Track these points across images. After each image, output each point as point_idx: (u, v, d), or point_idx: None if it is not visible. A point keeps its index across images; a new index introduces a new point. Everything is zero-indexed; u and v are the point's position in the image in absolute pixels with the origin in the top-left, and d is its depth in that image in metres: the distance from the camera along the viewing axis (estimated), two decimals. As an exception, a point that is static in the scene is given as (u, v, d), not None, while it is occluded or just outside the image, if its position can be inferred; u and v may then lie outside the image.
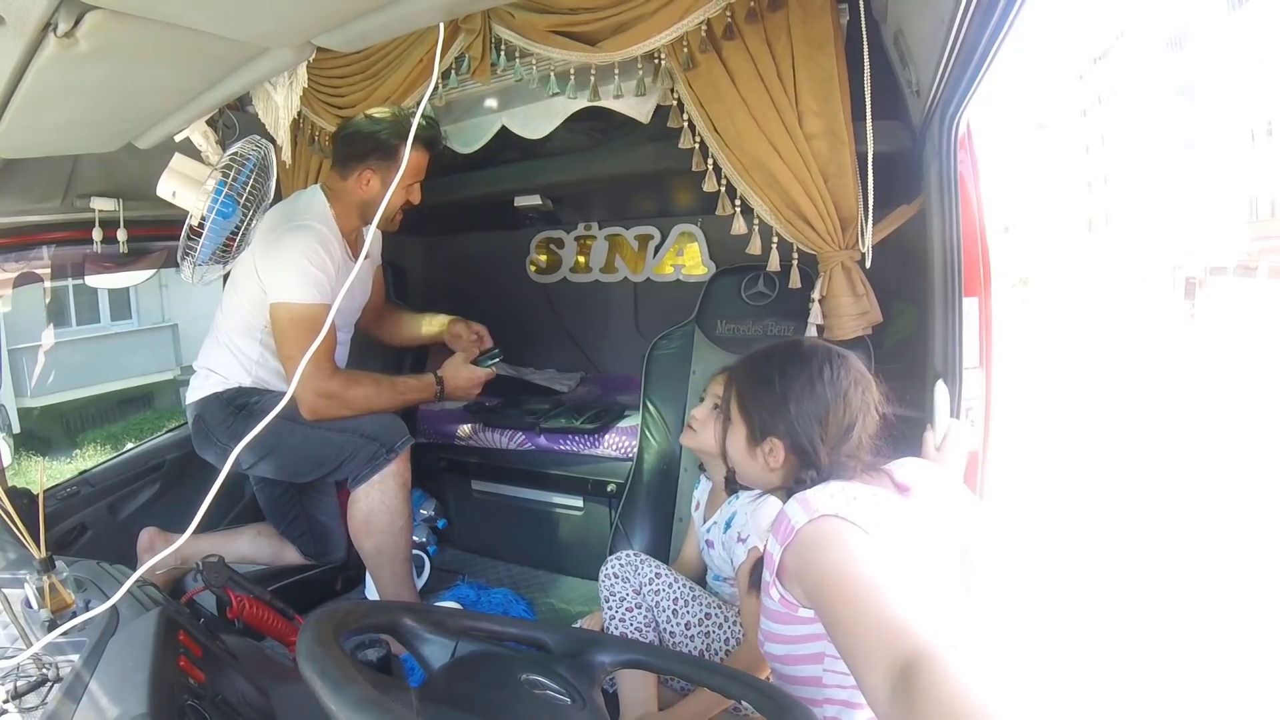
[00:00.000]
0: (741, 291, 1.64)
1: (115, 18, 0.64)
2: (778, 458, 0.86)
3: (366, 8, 0.72)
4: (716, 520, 1.27)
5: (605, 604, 1.20)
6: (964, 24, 0.78)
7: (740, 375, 0.92)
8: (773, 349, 0.91)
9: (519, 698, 0.64)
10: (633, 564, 1.20)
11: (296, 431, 1.49)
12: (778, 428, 0.86)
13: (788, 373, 0.85)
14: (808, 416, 0.84)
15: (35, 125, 0.98)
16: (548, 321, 2.54)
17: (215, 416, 1.55)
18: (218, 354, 1.59)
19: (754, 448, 0.88)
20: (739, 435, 0.91)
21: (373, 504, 1.53)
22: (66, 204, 1.63)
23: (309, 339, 1.44)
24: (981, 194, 1.26)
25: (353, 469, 1.53)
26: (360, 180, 1.53)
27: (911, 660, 0.53)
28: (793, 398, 0.84)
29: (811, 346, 0.88)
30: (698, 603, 1.18)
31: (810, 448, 0.83)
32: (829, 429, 0.83)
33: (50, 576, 0.86)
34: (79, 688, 0.69)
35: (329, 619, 0.58)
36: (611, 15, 1.29)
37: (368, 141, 1.49)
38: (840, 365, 0.85)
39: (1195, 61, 21.06)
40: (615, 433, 1.90)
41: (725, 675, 0.74)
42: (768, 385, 0.86)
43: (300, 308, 1.44)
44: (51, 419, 7.05)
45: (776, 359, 0.88)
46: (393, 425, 1.57)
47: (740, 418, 0.90)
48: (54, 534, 1.60)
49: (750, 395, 0.89)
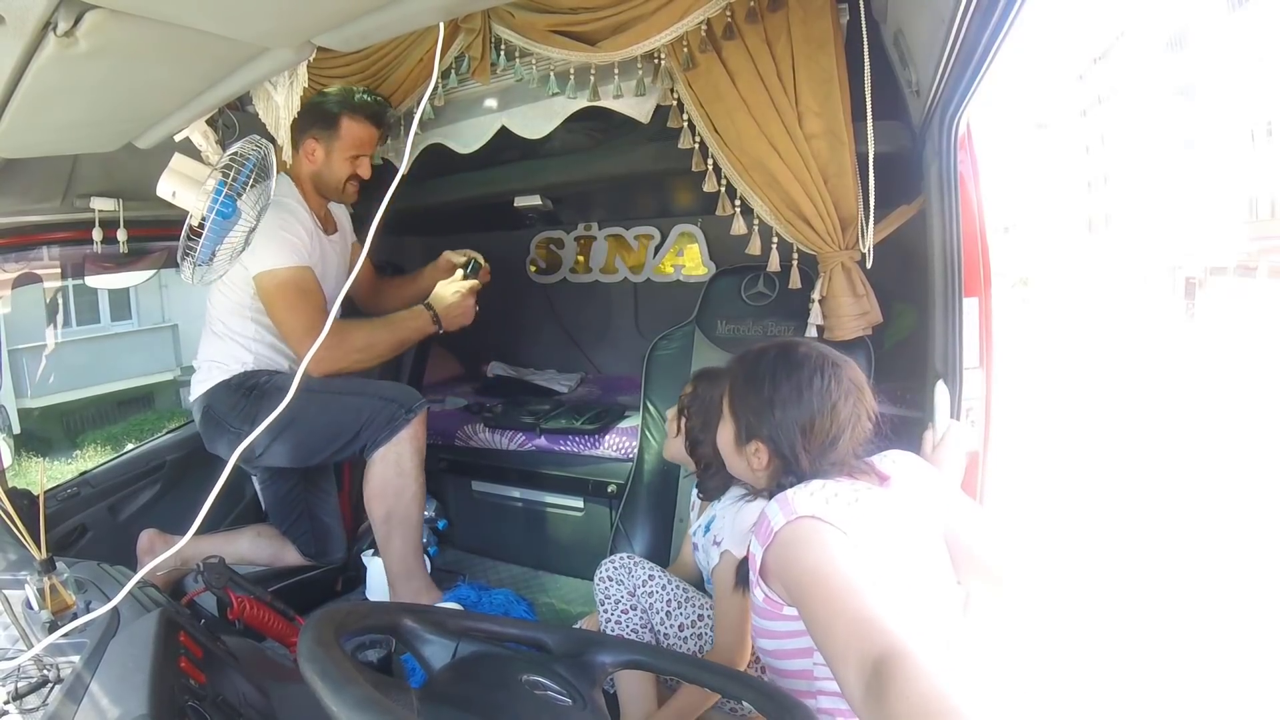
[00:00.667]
0: (741, 292, 1.64)
1: (115, 17, 0.64)
2: (761, 460, 0.88)
3: (366, 8, 0.72)
4: (700, 523, 1.28)
5: (600, 606, 1.20)
6: (964, 24, 0.78)
7: (735, 372, 0.93)
8: (767, 349, 0.91)
9: (519, 698, 0.64)
10: (626, 567, 1.21)
11: (314, 400, 1.49)
12: (762, 431, 0.87)
13: (777, 377, 0.86)
14: (791, 424, 0.84)
15: (35, 125, 0.98)
16: (548, 322, 2.54)
17: (225, 404, 1.54)
18: (215, 344, 1.60)
19: (740, 447, 0.90)
20: (728, 432, 0.92)
21: (388, 467, 1.53)
22: (66, 204, 1.63)
23: (297, 300, 1.47)
24: (981, 194, 1.26)
25: (371, 434, 1.52)
26: (306, 151, 1.57)
27: (883, 658, 0.54)
28: (779, 404, 0.85)
29: (805, 353, 0.87)
30: (691, 604, 1.19)
31: (791, 455, 0.84)
32: (813, 439, 0.84)
33: (51, 578, 0.86)
34: (80, 689, 0.69)
35: (329, 620, 0.58)
36: (611, 15, 1.29)
37: (311, 111, 1.53)
38: (832, 375, 0.84)
39: (1195, 61, 21.06)
40: (615, 433, 1.90)
41: (725, 675, 0.74)
42: (757, 387, 0.87)
43: (283, 272, 1.47)
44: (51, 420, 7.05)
45: (768, 361, 0.88)
46: (409, 388, 1.60)
47: (730, 415, 0.92)
48: (54, 535, 1.59)
49: (740, 395, 0.90)
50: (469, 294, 1.64)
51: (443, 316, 1.61)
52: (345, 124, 1.56)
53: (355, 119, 1.57)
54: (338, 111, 1.55)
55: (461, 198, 2.07)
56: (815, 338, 1.39)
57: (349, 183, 1.62)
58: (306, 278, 1.51)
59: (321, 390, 1.49)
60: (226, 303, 1.57)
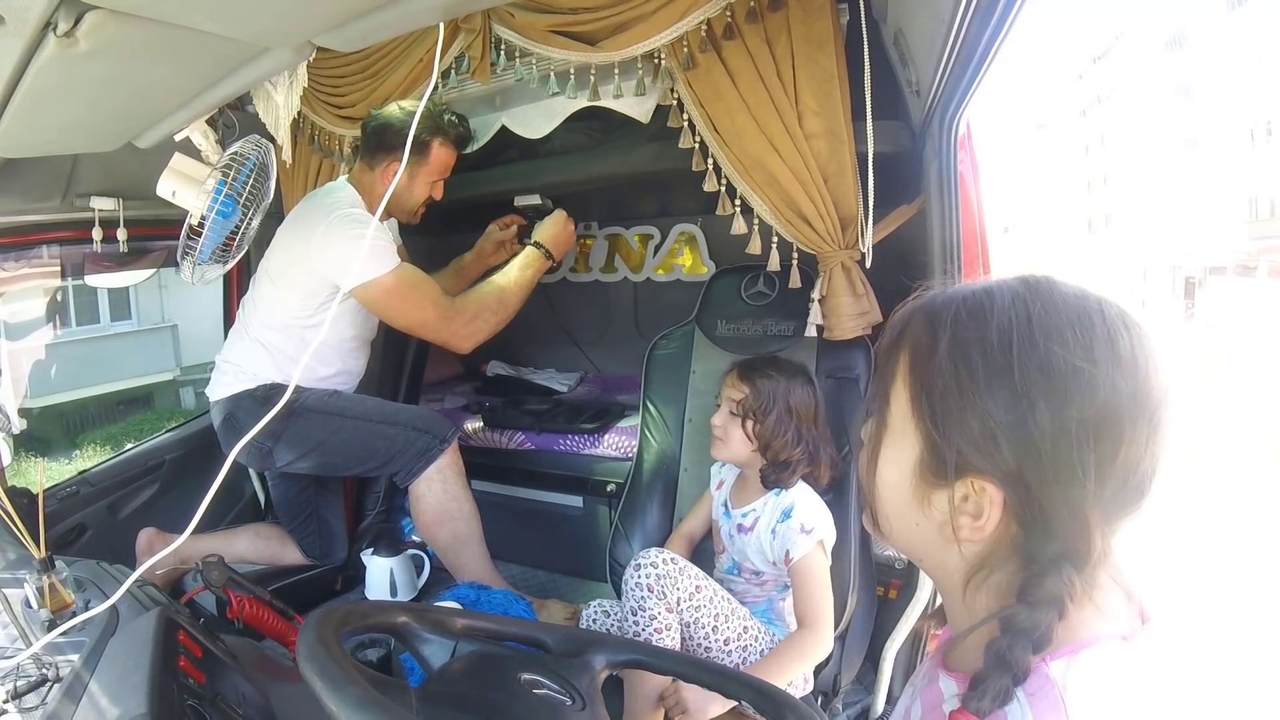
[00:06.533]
0: (741, 291, 1.64)
1: (115, 17, 0.64)
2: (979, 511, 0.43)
3: (366, 7, 0.72)
4: (755, 509, 1.22)
5: (631, 615, 1.10)
6: (964, 24, 0.78)
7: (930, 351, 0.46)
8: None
9: (519, 698, 0.64)
10: (670, 575, 1.09)
11: (347, 427, 1.50)
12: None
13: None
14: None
15: (35, 125, 0.98)
16: (548, 321, 2.54)
17: (251, 415, 1.52)
18: (246, 348, 1.58)
19: (934, 483, 0.45)
20: (906, 452, 0.47)
21: (438, 497, 1.55)
22: (66, 203, 1.63)
23: (415, 295, 1.48)
24: (981, 194, 1.26)
25: (403, 462, 1.53)
26: (388, 172, 1.53)
27: None
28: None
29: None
30: (736, 616, 1.15)
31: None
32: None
33: (50, 576, 0.86)
34: (79, 688, 0.69)
35: (329, 619, 0.58)
36: (611, 15, 1.29)
37: (396, 133, 1.50)
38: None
39: (1195, 61, 21.06)
40: (615, 433, 1.89)
41: (725, 675, 0.74)
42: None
43: (388, 278, 1.45)
44: (51, 419, 7.04)
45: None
46: (441, 418, 1.61)
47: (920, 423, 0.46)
48: (54, 534, 1.59)
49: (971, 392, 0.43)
50: (566, 220, 1.70)
51: (554, 248, 1.65)
52: (436, 149, 1.54)
53: (447, 145, 1.55)
54: (430, 138, 1.52)
55: (461, 197, 2.07)
56: (815, 337, 1.39)
57: (422, 205, 1.62)
58: (411, 270, 1.50)
59: (354, 416, 1.51)
60: (280, 313, 1.54)
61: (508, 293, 1.57)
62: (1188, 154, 21.42)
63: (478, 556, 1.61)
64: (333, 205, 1.50)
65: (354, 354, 1.68)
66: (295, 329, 1.54)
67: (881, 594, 1.43)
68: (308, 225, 1.48)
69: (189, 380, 7.40)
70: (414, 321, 1.50)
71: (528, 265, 1.62)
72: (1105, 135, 26.65)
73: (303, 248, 1.47)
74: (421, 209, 1.64)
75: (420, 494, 1.55)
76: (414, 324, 1.51)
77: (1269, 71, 17.91)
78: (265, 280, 1.57)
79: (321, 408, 1.53)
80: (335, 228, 1.45)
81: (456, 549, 1.59)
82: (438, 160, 1.57)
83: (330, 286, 1.47)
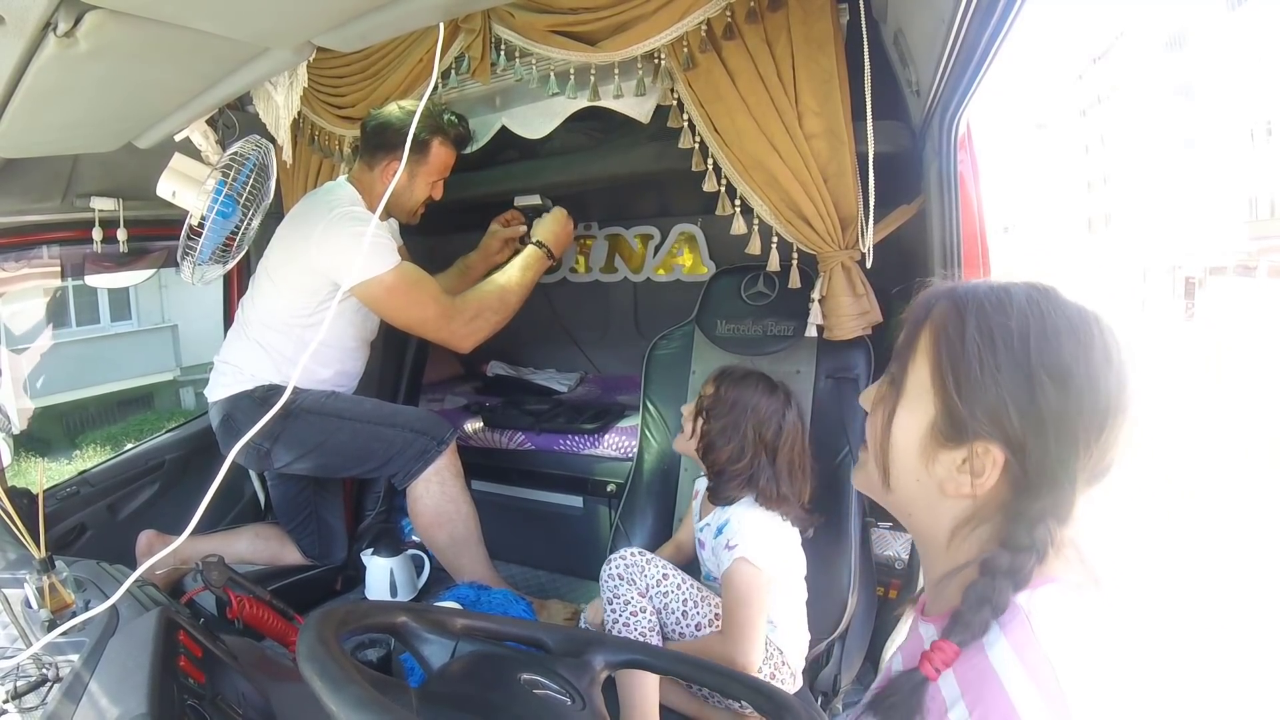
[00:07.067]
0: (741, 291, 1.64)
1: (115, 18, 0.64)
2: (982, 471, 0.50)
3: (366, 7, 0.72)
4: (709, 522, 1.24)
5: (609, 606, 1.17)
6: (964, 24, 0.78)
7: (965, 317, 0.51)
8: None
9: (519, 698, 0.64)
10: (638, 565, 1.16)
11: (345, 428, 1.50)
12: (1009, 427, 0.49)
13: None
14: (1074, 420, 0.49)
15: (35, 125, 0.98)
16: (548, 321, 2.54)
17: (249, 416, 1.53)
18: (245, 349, 1.58)
19: (941, 443, 0.51)
20: (918, 416, 0.53)
21: (435, 498, 1.55)
22: (66, 204, 1.63)
23: (415, 292, 1.48)
24: (981, 194, 1.26)
25: (401, 464, 1.53)
26: (387, 171, 1.54)
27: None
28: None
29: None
30: (706, 604, 1.17)
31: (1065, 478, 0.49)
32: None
33: (50, 576, 0.86)
34: (79, 688, 0.69)
35: (329, 619, 0.58)
36: (611, 15, 1.29)
37: (396, 132, 1.50)
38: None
39: (1195, 61, 21.06)
40: (615, 433, 1.89)
41: (725, 675, 0.74)
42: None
43: (389, 276, 1.45)
44: (51, 419, 7.04)
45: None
46: (439, 420, 1.61)
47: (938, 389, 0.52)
48: (54, 534, 1.59)
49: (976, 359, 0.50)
50: (566, 218, 1.71)
51: (554, 246, 1.67)
52: (436, 149, 1.55)
53: (446, 144, 1.55)
54: (429, 136, 1.52)
55: (461, 197, 2.07)
56: (815, 337, 1.39)
57: (422, 205, 1.62)
58: (411, 268, 1.50)
59: (352, 417, 1.51)
60: (279, 313, 1.53)
61: (508, 291, 1.57)
62: (1187, 154, 21.42)
63: (476, 557, 1.61)
64: (333, 203, 1.50)
65: (353, 355, 1.68)
66: (294, 329, 1.53)
67: (881, 594, 1.43)
68: (307, 223, 1.48)
69: (189, 380, 7.41)
70: (415, 320, 1.50)
71: (528, 264, 1.62)
72: (1105, 135, 26.65)
73: (302, 246, 1.47)
74: (421, 209, 1.63)
75: (418, 495, 1.55)
76: (415, 322, 1.51)
77: (1269, 71, 17.90)
78: (264, 279, 1.57)
79: (319, 409, 1.53)
80: (336, 225, 1.45)
81: (455, 550, 1.59)
82: (437, 160, 1.57)
83: (330, 284, 1.47)
